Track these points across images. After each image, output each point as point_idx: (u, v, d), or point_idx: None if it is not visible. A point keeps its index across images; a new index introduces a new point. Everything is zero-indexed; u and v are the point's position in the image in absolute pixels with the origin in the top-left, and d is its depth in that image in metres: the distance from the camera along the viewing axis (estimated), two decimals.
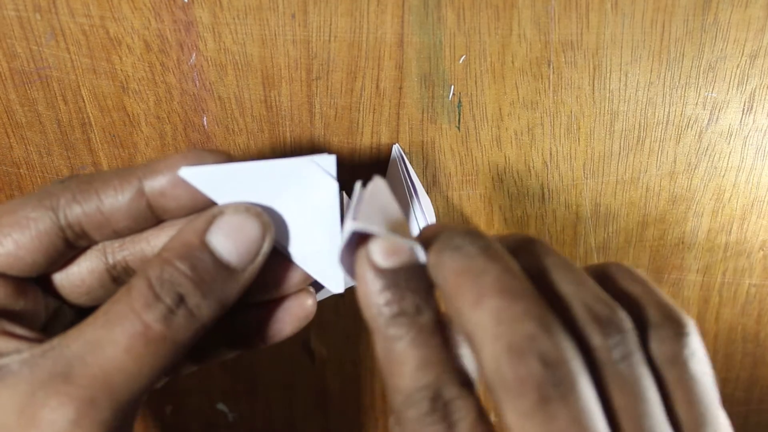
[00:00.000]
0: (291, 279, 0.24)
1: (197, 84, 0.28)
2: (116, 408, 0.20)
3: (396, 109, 0.29)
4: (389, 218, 0.21)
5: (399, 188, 0.30)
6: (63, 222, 0.21)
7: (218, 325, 0.23)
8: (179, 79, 0.28)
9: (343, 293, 0.30)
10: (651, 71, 0.29)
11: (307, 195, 0.23)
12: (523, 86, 0.29)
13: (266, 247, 0.22)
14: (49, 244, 0.21)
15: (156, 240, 0.24)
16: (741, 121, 0.30)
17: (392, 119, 0.29)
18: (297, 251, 0.23)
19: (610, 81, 0.29)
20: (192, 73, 0.28)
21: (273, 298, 0.25)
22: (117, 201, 0.22)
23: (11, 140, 0.30)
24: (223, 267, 0.21)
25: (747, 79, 0.29)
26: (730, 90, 0.29)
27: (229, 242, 0.21)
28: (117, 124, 0.29)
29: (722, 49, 0.28)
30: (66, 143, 0.30)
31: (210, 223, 0.21)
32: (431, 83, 0.28)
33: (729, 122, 0.30)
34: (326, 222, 0.23)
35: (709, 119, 0.30)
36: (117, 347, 0.20)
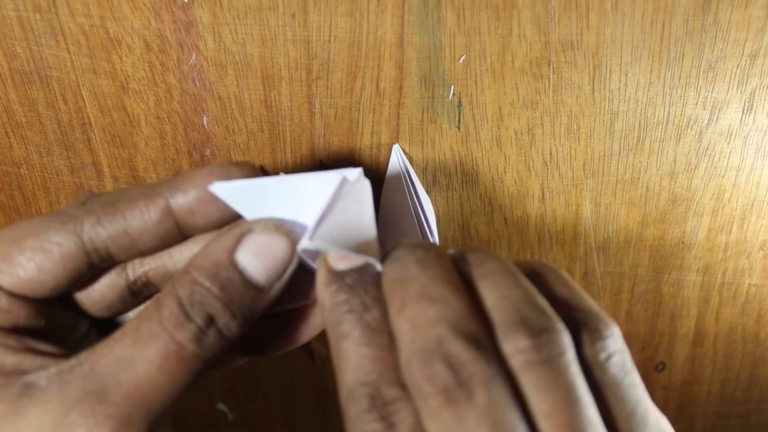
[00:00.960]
0: (311, 289, 0.24)
1: (197, 84, 0.28)
2: (150, 423, 0.20)
3: (396, 109, 0.29)
4: (357, 230, 0.22)
5: (399, 188, 0.30)
6: (89, 246, 0.21)
7: None
8: (179, 79, 0.28)
9: None
10: (651, 71, 0.29)
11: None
12: (523, 86, 0.29)
13: (293, 265, 0.22)
14: (73, 269, 0.21)
15: (179, 255, 0.23)
16: (741, 121, 0.30)
17: (392, 119, 0.29)
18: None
19: (610, 81, 0.29)
20: (192, 73, 0.28)
21: (292, 308, 0.25)
22: (144, 222, 0.21)
23: (11, 140, 0.30)
24: (252, 286, 0.21)
25: (747, 79, 0.29)
26: (730, 90, 0.29)
27: (258, 261, 0.21)
28: (117, 124, 0.29)
29: (722, 49, 0.28)
30: (66, 143, 0.30)
31: (238, 242, 0.21)
32: (431, 83, 0.28)
33: (729, 122, 0.30)
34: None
35: (709, 119, 0.30)
36: (151, 366, 0.20)
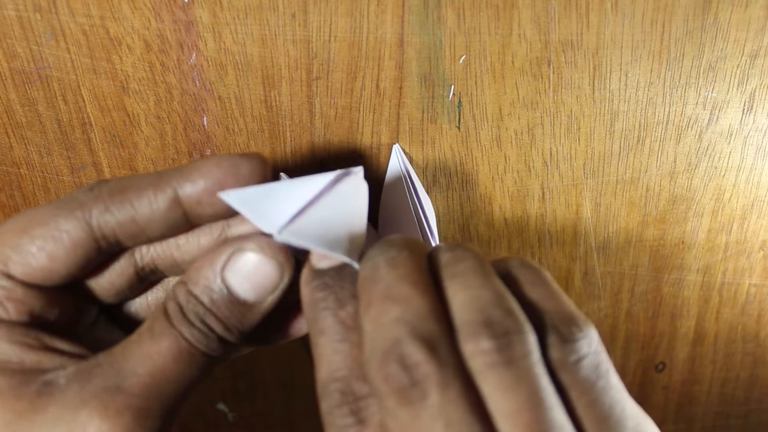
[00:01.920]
0: None
1: (197, 84, 0.28)
2: (167, 414, 0.21)
3: (396, 109, 0.29)
4: (342, 228, 0.22)
5: (399, 188, 0.30)
6: (97, 233, 0.21)
7: None
8: (179, 79, 0.28)
9: None
10: (651, 71, 0.29)
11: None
12: (523, 86, 0.29)
13: (284, 284, 0.22)
14: (83, 256, 0.21)
15: (186, 245, 0.24)
16: (741, 121, 0.30)
17: (392, 119, 0.29)
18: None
19: (610, 81, 0.29)
20: (192, 73, 0.28)
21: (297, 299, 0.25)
22: (152, 210, 0.21)
23: (11, 140, 0.30)
24: (241, 303, 0.22)
25: (747, 79, 0.29)
26: (730, 90, 0.29)
27: (246, 282, 0.22)
28: (117, 124, 0.29)
29: (722, 49, 0.28)
30: (66, 143, 0.30)
31: (228, 261, 0.22)
32: (431, 83, 0.28)
33: (729, 122, 0.30)
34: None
35: (709, 119, 0.30)
36: (166, 358, 0.20)
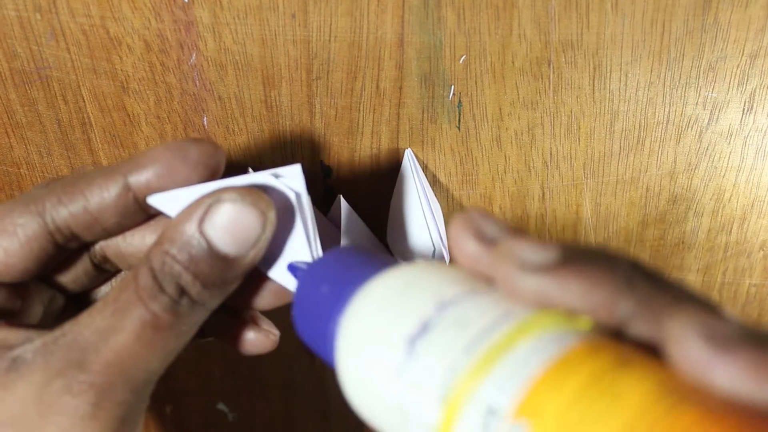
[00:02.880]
0: None
1: (197, 84, 0.28)
2: (132, 390, 0.20)
3: (396, 109, 0.29)
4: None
5: (411, 195, 0.30)
6: (51, 226, 0.21)
7: None
8: (179, 79, 0.28)
9: None
10: (651, 71, 0.29)
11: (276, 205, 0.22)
12: (523, 86, 0.29)
13: (267, 237, 0.21)
14: (39, 250, 0.21)
15: (131, 237, 0.23)
16: (741, 121, 0.30)
17: (392, 119, 0.29)
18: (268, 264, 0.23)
19: (610, 81, 0.29)
20: (192, 73, 0.28)
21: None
22: (103, 199, 0.21)
23: (11, 140, 0.30)
24: (221, 258, 0.21)
25: (747, 79, 0.29)
26: (731, 90, 0.29)
27: (226, 234, 0.21)
28: (117, 124, 0.29)
29: (722, 49, 0.28)
30: (66, 143, 0.30)
31: (206, 212, 0.21)
32: (431, 83, 0.28)
33: (729, 122, 0.30)
34: (292, 230, 0.23)
35: (709, 119, 0.30)
36: (128, 335, 0.20)
